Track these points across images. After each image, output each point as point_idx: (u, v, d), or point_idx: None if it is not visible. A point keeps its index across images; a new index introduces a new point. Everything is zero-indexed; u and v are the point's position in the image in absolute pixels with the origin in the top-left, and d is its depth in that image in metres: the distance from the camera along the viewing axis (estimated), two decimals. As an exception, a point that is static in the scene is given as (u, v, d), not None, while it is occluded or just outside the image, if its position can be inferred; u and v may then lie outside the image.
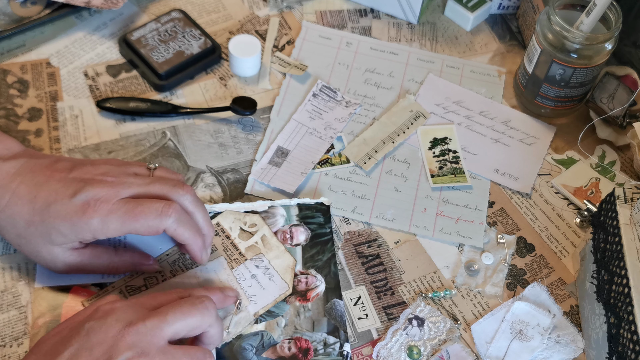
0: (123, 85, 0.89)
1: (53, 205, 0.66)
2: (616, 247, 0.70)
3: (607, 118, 0.88)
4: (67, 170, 0.69)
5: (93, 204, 0.65)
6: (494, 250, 0.80)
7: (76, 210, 0.65)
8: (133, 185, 0.68)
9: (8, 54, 0.90)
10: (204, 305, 0.63)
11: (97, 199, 0.66)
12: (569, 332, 0.75)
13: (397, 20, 1.00)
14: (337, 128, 0.88)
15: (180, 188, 0.69)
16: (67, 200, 0.66)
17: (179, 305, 0.62)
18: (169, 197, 0.68)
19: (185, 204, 0.69)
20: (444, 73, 0.95)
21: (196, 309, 0.62)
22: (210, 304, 0.63)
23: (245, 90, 0.91)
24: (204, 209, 0.71)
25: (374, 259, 0.79)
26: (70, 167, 0.69)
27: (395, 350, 0.72)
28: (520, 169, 0.87)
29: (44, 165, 0.69)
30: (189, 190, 0.69)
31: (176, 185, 0.69)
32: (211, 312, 0.63)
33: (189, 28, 0.92)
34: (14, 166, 0.69)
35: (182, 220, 0.67)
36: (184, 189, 0.69)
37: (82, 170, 0.69)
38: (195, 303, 0.62)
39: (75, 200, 0.66)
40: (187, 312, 0.61)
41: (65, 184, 0.67)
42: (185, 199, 0.69)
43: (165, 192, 0.68)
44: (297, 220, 0.80)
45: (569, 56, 0.83)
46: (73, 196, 0.66)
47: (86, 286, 0.73)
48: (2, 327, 0.71)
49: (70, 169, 0.69)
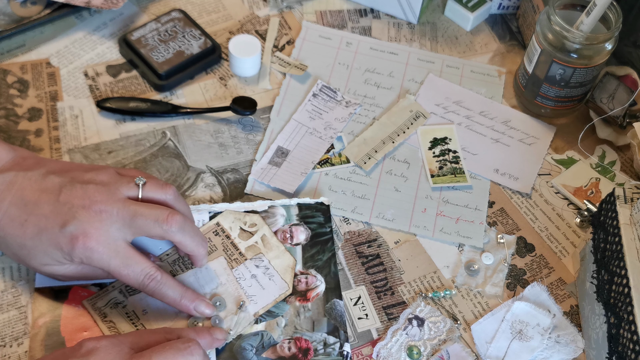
0: (123, 85, 0.89)
1: (44, 232, 0.66)
2: (616, 247, 0.70)
3: (607, 118, 0.88)
4: (57, 190, 0.68)
5: (82, 239, 0.66)
6: (494, 250, 0.80)
7: (66, 241, 0.66)
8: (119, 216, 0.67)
9: (8, 54, 0.90)
10: (189, 351, 0.61)
11: (84, 232, 0.66)
12: (569, 332, 0.75)
13: (397, 20, 1.00)
14: (337, 128, 0.88)
15: (164, 222, 0.68)
16: (57, 230, 0.66)
17: (164, 350, 0.61)
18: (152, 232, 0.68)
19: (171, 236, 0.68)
20: (444, 73, 0.95)
21: (181, 355, 0.61)
22: (196, 350, 0.62)
23: (245, 90, 0.91)
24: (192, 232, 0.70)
25: (374, 259, 0.79)
26: (59, 186, 0.68)
27: (395, 350, 0.72)
28: (520, 169, 0.87)
29: (33, 181, 0.68)
30: (173, 223, 0.68)
31: (159, 219, 0.68)
32: (196, 359, 0.62)
33: (189, 28, 0.92)
34: (2, 182, 0.68)
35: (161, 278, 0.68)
36: (168, 222, 0.68)
37: (71, 193, 0.67)
38: (180, 349, 0.61)
39: (65, 231, 0.66)
40: (172, 358, 0.61)
41: (54, 209, 0.67)
42: (171, 232, 0.68)
43: (149, 228, 0.68)
44: (297, 220, 0.80)
45: (569, 56, 0.83)
46: (63, 227, 0.66)
47: (86, 286, 0.73)
48: (2, 327, 0.71)
49: (60, 189, 0.68)
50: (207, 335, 0.68)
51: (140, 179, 0.70)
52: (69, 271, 0.69)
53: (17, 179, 0.68)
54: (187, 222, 0.69)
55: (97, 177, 0.70)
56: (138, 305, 0.72)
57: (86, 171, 0.70)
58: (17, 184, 0.68)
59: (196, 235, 0.70)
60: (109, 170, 0.71)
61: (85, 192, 0.68)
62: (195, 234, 0.70)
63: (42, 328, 0.71)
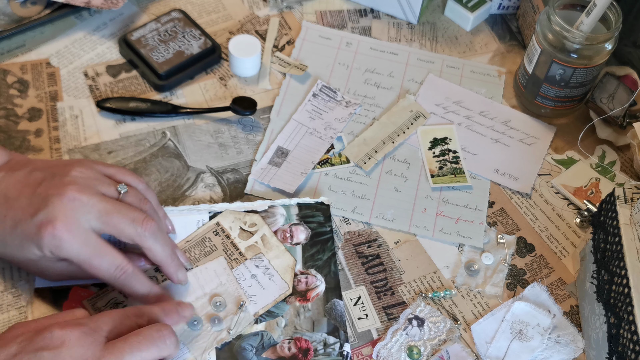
0: (123, 85, 0.89)
1: (19, 225, 0.65)
2: (616, 247, 0.70)
3: (607, 118, 0.88)
4: (37, 183, 0.67)
5: (50, 226, 0.64)
6: (494, 250, 0.80)
7: (35, 230, 0.64)
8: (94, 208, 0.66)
9: (8, 54, 0.90)
10: (162, 340, 0.61)
11: (53, 219, 0.64)
12: (569, 332, 0.75)
13: (397, 20, 1.00)
14: (337, 128, 0.88)
15: (139, 224, 0.67)
16: (29, 220, 0.65)
17: (137, 341, 0.60)
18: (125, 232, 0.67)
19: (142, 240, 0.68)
20: (444, 73, 0.95)
21: (155, 345, 0.61)
22: (169, 337, 0.62)
23: (245, 90, 0.91)
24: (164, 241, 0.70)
25: (374, 259, 0.79)
26: (41, 179, 0.67)
27: (395, 350, 0.72)
28: (520, 169, 0.87)
29: (17, 179, 0.68)
30: (148, 227, 0.67)
31: (135, 220, 0.67)
32: (169, 346, 0.62)
33: (189, 28, 0.92)
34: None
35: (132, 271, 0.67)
36: (143, 225, 0.67)
37: (51, 183, 0.67)
38: (154, 338, 0.61)
39: (35, 219, 0.65)
40: (145, 349, 0.60)
41: (30, 201, 0.66)
42: (144, 236, 0.67)
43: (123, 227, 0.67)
44: (297, 220, 0.80)
45: (569, 56, 0.83)
46: (34, 215, 0.65)
47: (86, 286, 0.73)
48: (2, 327, 0.71)
49: (40, 181, 0.67)
50: (174, 315, 0.67)
51: (123, 186, 0.69)
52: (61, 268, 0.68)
53: (4, 179, 0.68)
54: (161, 232, 0.69)
55: (80, 172, 0.69)
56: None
57: (72, 166, 0.69)
58: (4, 183, 0.68)
59: (167, 245, 0.70)
60: (93, 167, 0.70)
61: (62, 182, 0.66)
62: (166, 244, 0.69)
63: (42, 328, 0.71)
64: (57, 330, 0.59)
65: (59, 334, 0.59)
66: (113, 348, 0.59)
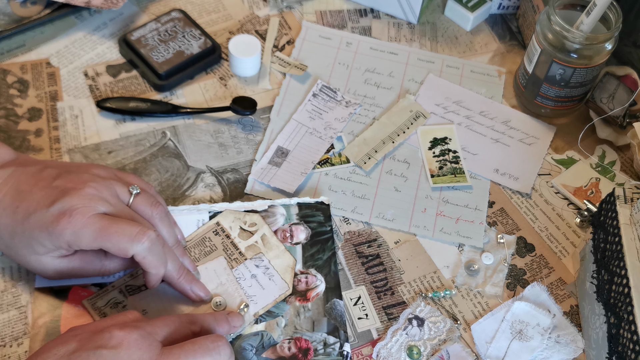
0: (123, 85, 0.89)
1: (33, 215, 0.66)
2: (616, 247, 0.70)
3: (607, 118, 0.88)
4: (52, 178, 0.68)
5: (68, 214, 0.64)
6: (494, 250, 0.80)
7: (52, 220, 0.65)
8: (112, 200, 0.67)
9: (8, 54, 0.90)
10: (217, 351, 0.62)
11: (74, 209, 0.64)
12: (569, 332, 0.75)
13: (397, 20, 1.00)
14: (337, 128, 0.88)
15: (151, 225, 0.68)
16: (45, 210, 0.65)
17: (192, 350, 0.61)
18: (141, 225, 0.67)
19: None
20: (444, 73, 0.95)
21: (209, 354, 0.62)
22: (223, 349, 0.63)
23: (245, 90, 0.91)
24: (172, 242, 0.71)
25: (374, 259, 0.79)
26: (56, 175, 0.68)
27: (395, 350, 0.72)
28: (520, 169, 0.87)
29: (30, 174, 0.68)
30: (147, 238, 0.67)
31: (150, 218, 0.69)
32: (222, 358, 0.63)
33: (189, 28, 0.92)
34: (1, 176, 0.69)
35: (153, 250, 0.66)
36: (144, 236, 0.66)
37: (66, 178, 0.67)
38: (209, 348, 0.62)
39: (52, 209, 0.65)
40: (200, 358, 0.61)
41: (46, 193, 0.66)
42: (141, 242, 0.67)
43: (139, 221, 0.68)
44: (297, 219, 0.80)
45: (569, 56, 0.83)
46: (51, 205, 0.65)
47: (86, 286, 0.73)
48: (2, 327, 0.71)
49: (55, 177, 0.68)
50: (225, 324, 0.68)
51: (135, 187, 0.70)
52: (60, 265, 0.68)
53: (16, 173, 0.69)
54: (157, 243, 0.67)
55: (95, 171, 0.70)
56: (138, 305, 0.72)
57: (88, 166, 0.71)
58: (15, 177, 0.69)
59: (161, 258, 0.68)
60: (109, 170, 0.72)
61: (80, 179, 0.67)
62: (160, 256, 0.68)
63: (42, 328, 0.71)
64: (116, 330, 0.60)
65: (119, 335, 0.60)
66: (170, 353, 0.60)
